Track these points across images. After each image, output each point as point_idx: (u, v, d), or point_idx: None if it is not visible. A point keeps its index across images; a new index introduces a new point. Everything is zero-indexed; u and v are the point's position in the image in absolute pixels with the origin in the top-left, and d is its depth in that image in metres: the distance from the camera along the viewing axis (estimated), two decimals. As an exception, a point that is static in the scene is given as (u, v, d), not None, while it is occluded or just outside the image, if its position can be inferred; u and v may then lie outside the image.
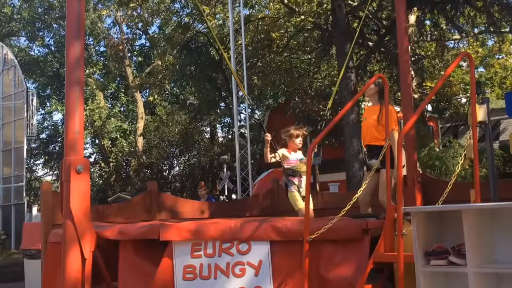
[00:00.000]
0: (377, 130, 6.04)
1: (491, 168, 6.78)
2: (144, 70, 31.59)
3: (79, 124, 5.02)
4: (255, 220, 5.09)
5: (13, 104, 19.41)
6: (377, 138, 6.02)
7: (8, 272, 12.86)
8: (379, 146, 5.73)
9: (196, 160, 30.08)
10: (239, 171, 14.51)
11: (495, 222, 3.59)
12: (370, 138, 6.09)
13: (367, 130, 6.21)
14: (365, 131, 6.28)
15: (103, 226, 5.42)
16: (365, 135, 6.28)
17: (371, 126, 6.10)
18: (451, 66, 5.04)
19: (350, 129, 13.67)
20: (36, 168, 36.64)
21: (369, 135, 6.11)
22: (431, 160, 15.01)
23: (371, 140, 6.07)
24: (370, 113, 6.33)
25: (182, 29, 21.95)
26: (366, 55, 16.91)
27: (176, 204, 7.88)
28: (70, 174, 4.85)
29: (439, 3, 14.59)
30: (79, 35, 5.14)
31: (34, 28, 32.49)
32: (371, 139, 6.06)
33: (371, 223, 4.80)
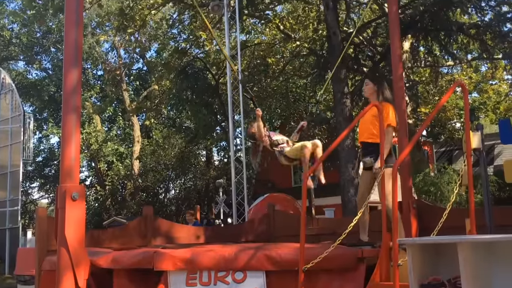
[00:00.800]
0: (374, 127, 5.92)
1: (486, 195, 6.78)
2: (141, 94, 31.71)
3: (75, 150, 5.03)
4: (250, 248, 5.07)
5: (10, 128, 19.42)
6: (374, 135, 5.88)
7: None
8: (375, 143, 5.64)
9: (192, 184, 30.04)
10: (234, 196, 14.48)
11: (491, 255, 3.58)
12: (367, 135, 5.97)
13: (364, 127, 6.13)
14: (362, 128, 6.20)
15: (97, 253, 5.39)
16: (362, 132, 6.18)
17: (368, 123, 6.01)
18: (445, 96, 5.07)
19: (346, 154, 13.71)
20: (32, 191, 36.48)
21: (366, 132, 6.00)
22: (426, 185, 15.05)
23: (368, 137, 5.95)
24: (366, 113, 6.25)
25: (179, 54, 22.12)
26: (361, 80, 17.04)
27: (171, 229, 7.86)
28: (65, 201, 4.84)
29: (433, 30, 14.77)
30: (77, 62, 5.19)
31: (32, 52, 32.64)
32: (368, 136, 5.95)
33: (367, 252, 4.79)
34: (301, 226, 4.68)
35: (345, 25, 17.27)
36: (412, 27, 14.69)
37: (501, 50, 15.31)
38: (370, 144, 5.88)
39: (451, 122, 25.06)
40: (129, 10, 20.02)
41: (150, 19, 22.60)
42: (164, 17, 24.43)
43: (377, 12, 18.34)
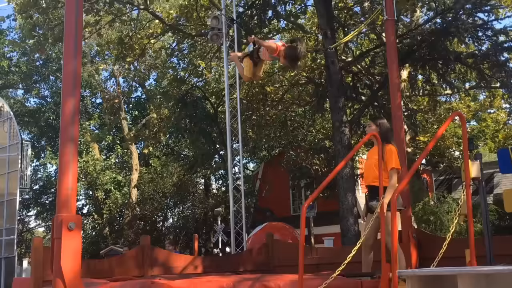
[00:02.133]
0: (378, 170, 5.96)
1: (485, 224, 6.75)
2: (139, 122, 31.79)
3: (72, 180, 5.01)
4: (248, 279, 5.02)
5: (8, 156, 19.36)
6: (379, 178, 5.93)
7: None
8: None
9: (190, 212, 29.86)
10: (233, 225, 14.38)
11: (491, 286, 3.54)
12: (372, 179, 6.00)
13: (369, 170, 6.15)
14: (367, 171, 6.22)
15: (93, 284, 5.32)
16: (367, 176, 6.21)
17: (373, 166, 6.03)
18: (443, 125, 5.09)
19: (345, 183, 13.67)
20: (28, 219, 36.25)
21: (371, 176, 6.03)
22: (426, 214, 14.99)
23: (373, 181, 5.98)
24: (372, 154, 6.28)
25: (177, 82, 22.25)
26: (359, 109, 17.11)
27: (169, 259, 7.80)
28: (61, 231, 4.80)
29: (430, 59, 14.89)
30: (75, 92, 5.20)
31: (32, 80, 32.82)
32: (373, 179, 5.97)
33: (366, 283, 4.75)
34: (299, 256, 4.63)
35: (343, 54, 17.42)
36: (410, 56, 14.82)
37: (499, 79, 15.41)
38: (376, 187, 5.88)
39: (450, 150, 25.06)
40: (128, 39, 20.22)
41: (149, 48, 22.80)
42: (163, 46, 24.65)
43: (375, 42, 18.52)
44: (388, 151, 5.87)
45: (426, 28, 15.48)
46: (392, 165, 5.80)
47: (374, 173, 5.78)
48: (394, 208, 4.22)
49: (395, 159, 5.90)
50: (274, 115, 22.62)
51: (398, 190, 4.45)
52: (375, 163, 5.87)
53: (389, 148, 5.92)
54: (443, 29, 14.41)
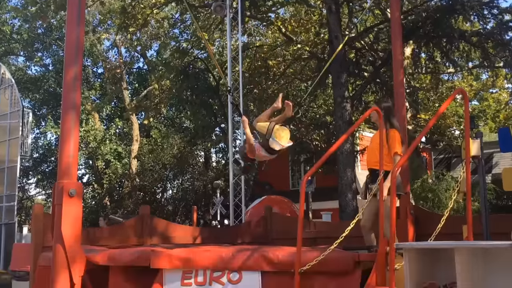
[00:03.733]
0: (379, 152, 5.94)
1: (483, 202, 6.79)
2: (140, 93, 31.69)
3: (73, 148, 5.03)
4: (247, 249, 5.07)
5: (9, 123, 19.37)
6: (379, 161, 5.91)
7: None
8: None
9: (190, 184, 29.99)
10: (232, 197, 14.45)
11: (488, 261, 3.59)
12: (374, 162, 5.99)
13: (371, 153, 6.15)
14: (369, 154, 6.23)
15: (93, 250, 5.38)
16: (369, 159, 6.22)
17: (375, 150, 6.02)
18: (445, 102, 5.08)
19: (344, 159, 13.70)
20: (29, 187, 36.42)
21: (373, 159, 6.03)
22: (424, 192, 15.03)
23: (375, 164, 5.97)
24: (375, 138, 6.26)
25: (180, 54, 22.10)
26: (361, 85, 17.04)
27: (167, 229, 7.86)
28: (62, 198, 4.84)
29: (435, 37, 14.77)
30: (77, 60, 5.19)
31: (33, 48, 32.60)
32: (375, 162, 5.96)
33: (363, 256, 4.79)
34: (298, 228, 4.68)
35: (347, 30, 17.28)
36: (414, 33, 14.70)
37: (502, 59, 15.32)
38: (377, 170, 5.86)
39: (450, 129, 25.04)
40: (131, 9, 20.01)
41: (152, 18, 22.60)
42: (166, 16, 24.43)
43: (379, 17, 18.36)
44: (392, 136, 5.86)
45: (432, 5, 15.34)
46: (395, 149, 5.79)
47: (376, 156, 5.77)
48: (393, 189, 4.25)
49: (399, 144, 5.88)
50: (276, 90, 22.54)
51: (398, 165, 4.47)
52: (377, 146, 5.88)
53: (393, 132, 5.90)
54: (449, 6, 14.27)
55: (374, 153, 5.94)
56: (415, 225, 6.93)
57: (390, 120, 6.06)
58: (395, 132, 5.96)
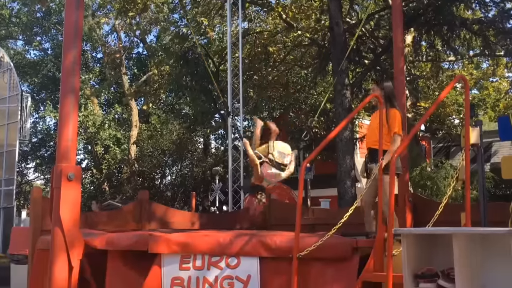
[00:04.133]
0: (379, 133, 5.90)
1: (481, 190, 6.79)
2: (140, 79, 31.59)
3: (72, 131, 5.02)
4: (245, 234, 5.08)
5: (7, 107, 19.33)
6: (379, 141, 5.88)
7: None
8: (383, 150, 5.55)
9: (189, 170, 30.01)
10: (231, 184, 14.48)
11: (485, 247, 3.60)
12: (373, 141, 5.94)
13: (370, 133, 6.10)
14: (369, 133, 6.17)
15: (92, 234, 5.38)
16: (368, 138, 6.17)
17: (375, 129, 5.98)
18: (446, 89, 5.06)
19: (343, 146, 13.69)
20: (27, 171, 36.42)
21: (372, 138, 5.98)
22: (422, 180, 15.04)
23: (374, 143, 5.93)
24: (375, 117, 6.21)
25: (179, 39, 21.99)
26: (362, 73, 16.99)
27: (166, 214, 7.87)
28: (61, 181, 4.83)
29: (436, 24, 14.71)
30: (76, 43, 5.16)
31: (32, 32, 32.44)
32: (374, 142, 5.91)
33: (361, 242, 4.81)
34: (297, 214, 4.69)
35: (347, 17, 17.19)
36: (415, 20, 14.62)
37: (503, 47, 15.27)
38: (376, 150, 5.83)
39: (450, 118, 25.02)
40: (130, -7, 19.86)
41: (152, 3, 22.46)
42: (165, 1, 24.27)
43: (380, 4, 18.25)
44: (392, 115, 5.79)
45: (433, -8, 15.24)
46: (395, 129, 5.73)
47: (376, 136, 5.70)
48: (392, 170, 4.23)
49: (399, 124, 5.81)
50: (276, 77, 22.48)
51: (397, 153, 4.46)
52: (377, 126, 5.81)
53: (393, 112, 5.84)
54: (451, -7, 14.19)
55: (373, 132, 5.88)
56: (413, 213, 6.94)
57: (391, 100, 6.00)
58: (395, 112, 5.89)
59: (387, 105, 5.90)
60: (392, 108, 5.91)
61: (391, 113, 5.83)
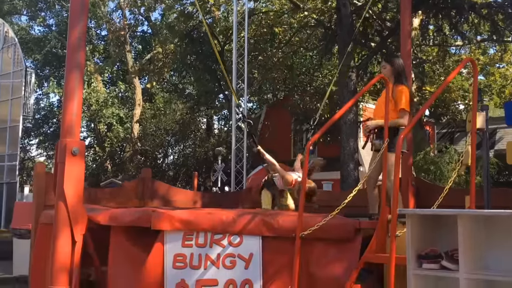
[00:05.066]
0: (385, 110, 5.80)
1: (486, 176, 6.77)
2: (144, 57, 31.48)
3: (77, 106, 4.98)
4: (248, 213, 5.07)
5: (11, 82, 19.28)
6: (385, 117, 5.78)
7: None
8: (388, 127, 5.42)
9: (191, 150, 30.05)
10: (233, 164, 14.49)
11: (490, 229, 3.59)
12: (380, 117, 5.85)
13: (378, 108, 6.02)
14: (376, 109, 6.09)
15: (95, 209, 5.38)
16: (375, 114, 6.09)
17: (382, 105, 5.91)
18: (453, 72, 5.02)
19: (347, 129, 13.66)
20: (30, 148, 36.52)
21: (379, 114, 5.88)
22: (426, 164, 15.04)
23: (381, 119, 5.84)
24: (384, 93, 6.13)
25: (185, 18, 21.86)
26: (367, 55, 16.88)
27: (168, 192, 7.84)
28: (65, 156, 4.81)
29: (444, 8, 14.57)
30: (82, 18, 5.10)
31: (36, 7, 32.28)
32: (381, 118, 5.82)
33: (364, 223, 4.80)
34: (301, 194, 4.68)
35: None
36: (424, 3, 14.47)
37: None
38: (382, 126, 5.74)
39: (455, 103, 24.93)
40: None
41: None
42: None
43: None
44: (399, 91, 5.71)
45: (442, -25, 15.07)
46: (402, 105, 5.64)
47: (383, 112, 5.62)
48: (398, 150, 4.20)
49: (406, 100, 5.71)
50: (281, 58, 22.36)
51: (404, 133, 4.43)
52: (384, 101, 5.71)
53: (400, 89, 5.76)
54: (460, -24, 14.04)
55: (380, 108, 5.78)
56: (416, 197, 6.93)
57: (400, 76, 5.92)
58: (403, 87, 5.81)
59: (395, 81, 5.83)
60: (400, 85, 5.83)
61: (399, 88, 5.75)
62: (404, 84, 5.89)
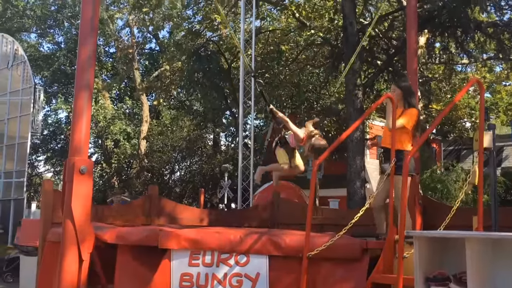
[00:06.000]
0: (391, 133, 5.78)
1: (493, 195, 6.74)
2: (151, 74, 31.68)
3: (86, 125, 5.04)
4: (255, 232, 5.07)
5: (20, 99, 19.44)
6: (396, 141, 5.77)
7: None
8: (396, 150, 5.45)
9: (198, 167, 30.06)
10: (240, 181, 14.49)
11: (498, 252, 3.57)
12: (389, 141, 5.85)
13: (386, 132, 6.05)
14: (384, 133, 6.12)
15: (102, 228, 5.40)
16: (384, 138, 6.11)
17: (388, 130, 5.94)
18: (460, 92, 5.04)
19: (354, 147, 13.66)
20: (38, 164, 36.63)
21: (388, 139, 5.88)
22: (433, 182, 14.96)
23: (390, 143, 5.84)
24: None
25: (192, 36, 22.03)
26: (374, 73, 16.92)
27: (175, 210, 7.86)
28: (73, 174, 4.85)
29: (450, 27, 14.61)
30: (92, 39, 5.18)
31: (46, 25, 32.62)
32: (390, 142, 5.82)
33: (371, 243, 4.79)
34: (307, 213, 4.68)
35: (361, 17, 17.12)
36: (430, 22, 14.53)
37: (518, 51, 15.16)
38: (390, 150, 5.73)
39: (461, 121, 24.89)
40: (145, -11, 19.97)
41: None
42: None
43: (394, 5, 18.16)
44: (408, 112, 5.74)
45: (448, -6, 15.14)
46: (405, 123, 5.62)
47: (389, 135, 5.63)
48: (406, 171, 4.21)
49: (410, 120, 5.72)
50: (288, 75, 22.44)
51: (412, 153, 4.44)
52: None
53: (410, 111, 5.79)
54: (466, -4, 14.08)
55: (388, 132, 5.81)
56: (423, 216, 6.91)
57: (408, 100, 5.94)
58: (413, 110, 5.84)
59: (405, 105, 5.86)
60: (410, 108, 5.86)
61: (408, 111, 5.78)
62: (415, 106, 5.92)
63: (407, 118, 5.71)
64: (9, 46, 20.43)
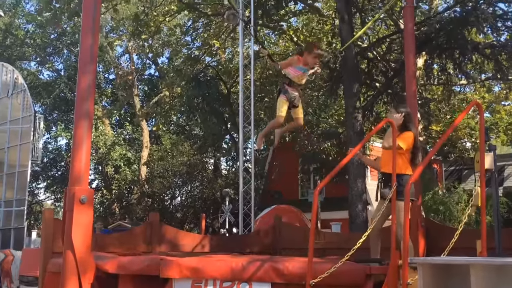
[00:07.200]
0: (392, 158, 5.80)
1: (496, 217, 6.71)
2: (151, 100, 31.81)
3: (86, 155, 5.03)
4: (257, 259, 5.03)
5: (20, 128, 19.49)
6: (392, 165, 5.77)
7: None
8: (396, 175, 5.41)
9: (199, 192, 29.96)
10: (241, 206, 14.43)
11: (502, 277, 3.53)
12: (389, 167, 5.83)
13: (386, 157, 6.03)
14: (384, 158, 6.12)
15: (103, 257, 5.36)
16: (384, 163, 6.11)
17: (385, 154, 5.97)
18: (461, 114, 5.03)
19: (355, 170, 13.63)
20: (38, 191, 36.53)
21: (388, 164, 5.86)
22: (435, 204, 14.91)
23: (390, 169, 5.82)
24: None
25: (191, 61, 22.18)
26: (373, 96, 16.99)
27: (176, 236, 7.81)
28: (73, 204, 4.83)
29: (448, 48, 14.71)
30: (91, 68, 5.20)
31: (45, 53, 32.86)
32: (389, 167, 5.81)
33: (375, 269, 4.74)
34: (310, 239, 4.64)
35: (359, 40, 17.26)
36: (427, 44, 14.64)
37: (516, 71, 15.23)
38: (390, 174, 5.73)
39: (461, 141, 24.91)
40: (144, 16, 20.15)
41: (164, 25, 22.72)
42: (178, 24, 24.55)
43: (392, 28, 18.33)
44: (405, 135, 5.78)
45: (445, 17, 15.28)
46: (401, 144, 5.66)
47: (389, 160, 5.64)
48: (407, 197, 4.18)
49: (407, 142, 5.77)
50: (287, 99, 22.50)
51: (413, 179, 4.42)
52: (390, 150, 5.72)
53: (407, 133, 5.83)
54: (462, 18, 14.19)
55: (389, 157, 5.80)
56: (426, 238, 6.86)
57: (407, 126, 5.98)
58: (410, 133, 5.88)
59: (403, 128, 5.89)
60: (407, 132, 5.89)
61: (404, 134, 5.82)
62: (412, 131, 5.96)
63: (402, 141, 5.73)
64: (9, 75, 20.57)
